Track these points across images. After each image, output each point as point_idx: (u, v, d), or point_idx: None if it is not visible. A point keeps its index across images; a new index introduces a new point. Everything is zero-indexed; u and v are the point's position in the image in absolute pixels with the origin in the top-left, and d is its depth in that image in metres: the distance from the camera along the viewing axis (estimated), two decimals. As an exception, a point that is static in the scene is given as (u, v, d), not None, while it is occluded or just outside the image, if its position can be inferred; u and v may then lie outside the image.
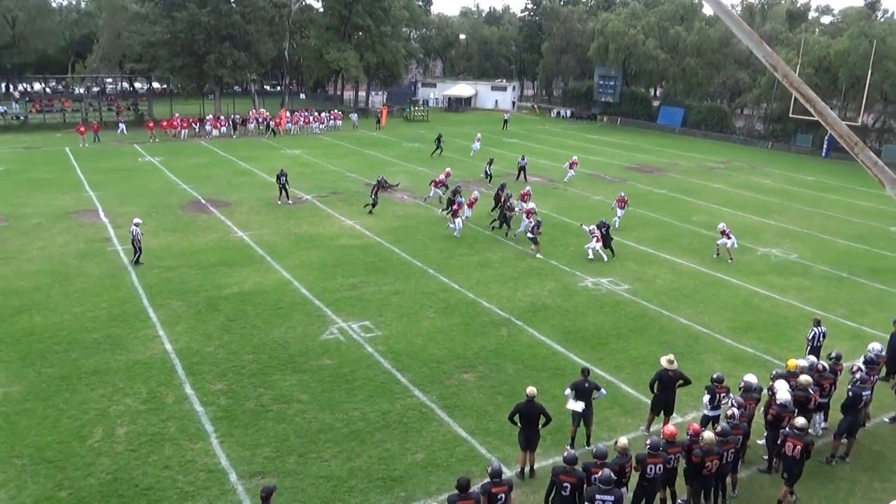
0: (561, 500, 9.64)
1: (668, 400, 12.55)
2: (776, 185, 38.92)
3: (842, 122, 4.55)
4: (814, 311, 19.37)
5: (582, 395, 12.10)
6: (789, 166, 46.11)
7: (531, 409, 11.27)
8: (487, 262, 22.69)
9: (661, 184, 37.64)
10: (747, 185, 38.41)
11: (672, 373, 12.44)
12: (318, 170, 38.26)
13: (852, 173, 44.56)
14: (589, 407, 12.19)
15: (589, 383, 12.16)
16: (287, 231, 25.58)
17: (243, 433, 12.46)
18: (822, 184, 40.07)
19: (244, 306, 18.27)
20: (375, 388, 14.23)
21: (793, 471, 10.87)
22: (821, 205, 33.81)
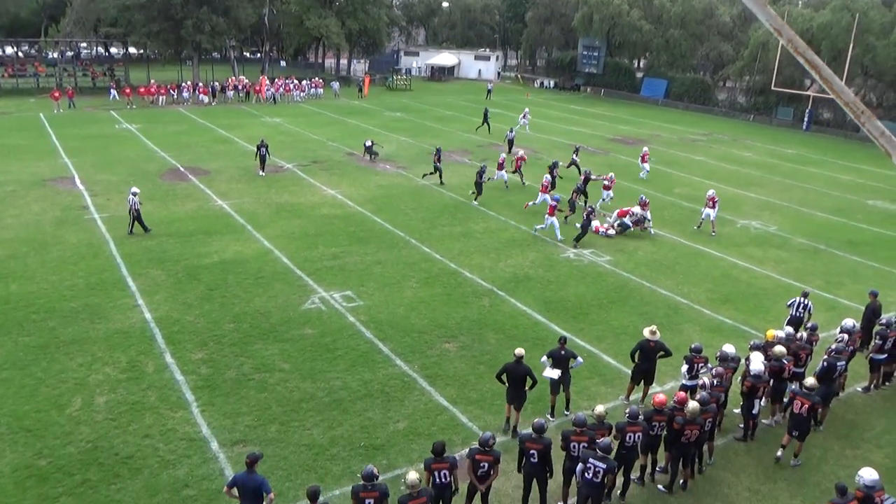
0: (530, 467, 9.74)
1: (649, 370, 12.70)
2: (757, 157, 39.12)
3: (849, 91, 4.49)
4: (791, 282, 19.62)
5: (558, 364, 12.23)
6: (770, 139, 46.34)
7: (518, 370, 11.52)
8: (470, 232, 22.66)
9: (644, 155, 37.68)
10: (728, 157, 38.57)
11: (653, 343, 12.57)
12: (298, 138, 37.82)
13: (832, 147, 44.91)
14: (566, 374, 12.33)
15: (565, 351, 12.29)
16: (268, 200, 25.34)
17: (224, 402, 12.43)
18: (803, 157, 40.34)
19: (224, 275, 18.14)
20: (357, 357, 14.24)
21: (801, 428, 11.40)
22: (800, 178, 34.08)
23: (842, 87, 4.52)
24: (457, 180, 29.56)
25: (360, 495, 8.46)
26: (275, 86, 53.98)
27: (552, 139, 40.76)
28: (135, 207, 20.96)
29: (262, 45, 76.08)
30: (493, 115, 50.39)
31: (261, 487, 8.56)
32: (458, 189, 27.99)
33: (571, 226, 23.24)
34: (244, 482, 8.63)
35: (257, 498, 8.55)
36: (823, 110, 53.96)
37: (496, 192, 27.73)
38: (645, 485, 10.93)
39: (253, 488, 8.57)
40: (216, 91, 51.37)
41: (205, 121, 42.43)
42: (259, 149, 28.91)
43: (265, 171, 28.92)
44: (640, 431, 10.19)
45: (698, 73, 66.03)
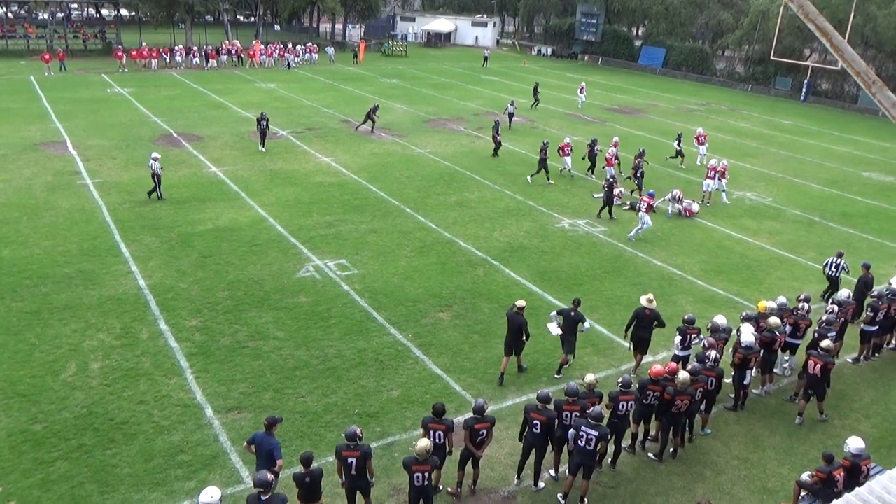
0: (532, 437, 9.85)
1: (644, 338, 12.82)
2: (754, 128, 38.95)
3: (860, 60, 4.41)
4: (785, 254, 19.70)
5: (567, 323, 12.59)
6: (768, 109, 46.11)
7: (516, 320, 12.28)
8: (465, 201, 22.60)
9: (640, 125, 37.47)
10: (726, 127, 38.39)
11: (649, 311, 12.67)
12: (293, 105, 37.44)
13: (829, 118, 44.74)
14: (573, 336, 12.67)
15: (576, 313, 12.64)
16: (262, 167, 25.17)
17: (219, 369, 12.48)
18: (800, 128, 40.18)
19: (218, 243, 18.08)
20: (351, 325, 14.28)
21: (816, 388, 11.72)
22: (797, 149, 33.99)
23: (853, 56, 4.43)
24: (451, 149, 29.39)
25: (342, 454, 8.64)
26: (268, 51, 53.26)
27: (549, 108, 40.45)
28: (157, 172, 20.99)
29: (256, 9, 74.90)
30: (489, 82, 49.98)
31: (273, 451, 8.72)
32: (452, 158, 27.84)
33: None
34: (260, 442, 8.82)
35: (270, 460, 8.71)
36: (822, 81, 53.65)
37: (490, 160, 27.60)
38: (636, 453, 11.07)
39: (267, 450, 8.75)
40: (208, 55, 50.65)
41: (198, 85, 41.94)
42: (259, 122, 27.10)
43: (264, 146, 27.17)
44: (633, 400, 10.29)
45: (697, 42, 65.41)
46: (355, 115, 35.10)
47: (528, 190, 24.10)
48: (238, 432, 10.86)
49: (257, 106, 36.13)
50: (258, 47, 53.03)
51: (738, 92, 55.09)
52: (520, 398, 12.08)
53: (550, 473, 10.39)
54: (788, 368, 13.58)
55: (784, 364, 13.54)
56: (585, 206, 22.72)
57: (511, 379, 12.71)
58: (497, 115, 34.56)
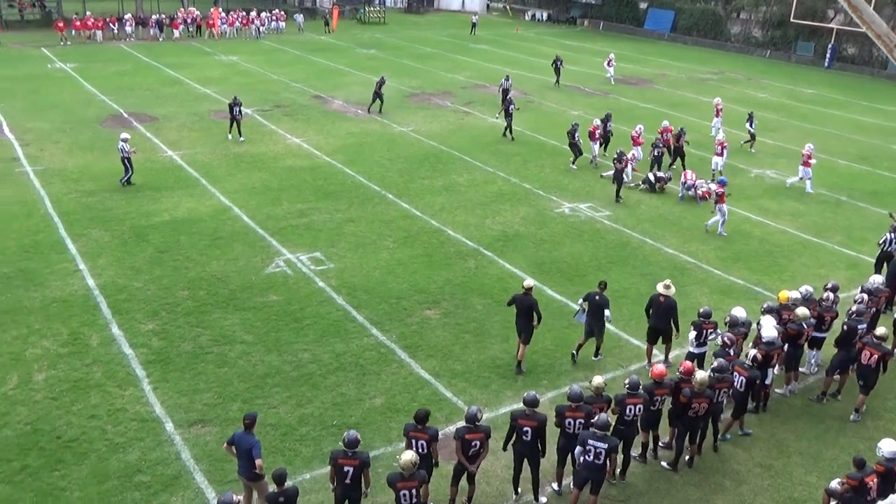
0: (522, 445, 9.82)
1: (661, 329, 13.00)
2: (773, 98, 39.09)
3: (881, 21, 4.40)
4: (809, 238, 19.81)
5: (593, 309, 12.98)
6: (788, 78, 46.27)
7: (525, 301, 12.77)
8: (453, 185, 22.56)
9: (648, 97, 37.51)
10: (742, 98, 38.49)
11: (664, 299, 12.85)
12: (258, 79, 37.20)
13: (856, 86, 44.94)
14: (599, 322, 13.08)
15: (600, 297, 12.94)
16: (224, 150, 25.01)
17: (180, 378, 12.42)
18: (824, 98, 40.37)
19: (177, 236, 17.97)
20: (328, 326, 14.24)
21: (868, 379, 11.99)
22: (821, 121, 34.15)
23: (872, 17, 4.43)
24: (437, 126, 29.32)
25: (338, 461, 8.70)
26: (229, 19, 52.85)
27: (545, 79, 40.41)
28: (127, 155, 20.92)
29: (215, -28, 74.20)
30: (478, 51, 49.82)
31: (252, 450, 9.03)
32: (439, 137, 27.77)
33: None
34: (240, 441, 9.14)
35: (250, 460, 9.05)
36: (848, 45, 53.85)
37: (482, 138, 27.58)
38: (647, 462, 11.11)
39: (246, 449, 9.06)
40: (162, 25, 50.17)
41: (151, 60, 41.56)
42: (231, 108, 25.87)
43: (241, 135, 26.11)
44: (641, 403, 10.29)
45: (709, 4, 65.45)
46: (328, 91, 34.94)
47: (524, 172, 24.08)
48: (202, 448, 10.81)
49: (217, 82, 35.93)
50: (217, 15, 52.57)
51: (756, 59, 55.23)
52: (518, 404, 12.09)
53: (553, 487, 10.42)
54: (814, 365, 13.66)
55: (810, 361, 13.63)
56: (588, 189, 22.73)
57: (506, 383, 12.73)
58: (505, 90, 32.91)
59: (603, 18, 68.63)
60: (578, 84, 39.46)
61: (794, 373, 12.95)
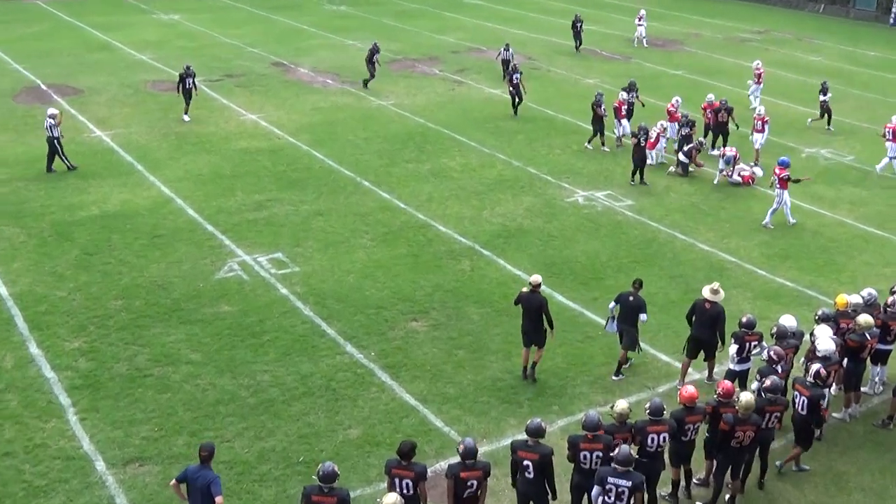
0: (524, 483, 9.84)
1: (704, 340, 13.12)
2: (828, 62, 39.28)
3: None
4: (872, 231, 19.91)
5: (625, 311, 13.39)
6: (846, 38, 46.50)
7: (532, 300, 13.04)
8: (443, 170, 22.60)
9: (677, 62, 37.64)
10: (790, 63, 38.68)
11: (709, 305, 13.02)
12: (205, 42, 37.13)
13: (928, 47, 45.17)
14: (633, 327, 13.47)
15: (636, 298, 13.27)
16: (165, 129, 24.97)
17: (113, 407, 12.41)
18: (889, 61, 40.58)
19: (108, 234, 17.94)
20: (292, 342, 14.25)
21: None
22: (886, 90, 34.34)
23: None
24: (423, 98, 29.35)
25: (312, 499, 8.67)
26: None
27: (552, 41, 40.48)
28: (53, 135, 21.05)
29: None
30: (469, 7, 49.80)
31: (210, 486, 8.96)
32: (425, 111, 27.80)
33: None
34: (194, 477, 9.07)
35: (206, 497, 8.96)
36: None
37: (476, 113, 27.61)
38: (678, 503, 11.16)
39: (203, 485, 8.99)
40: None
41: (73, 19, 41.45)
42: (183, 80, 25.72)
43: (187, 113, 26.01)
44: (666, 432, 10.31)
45: (751, -52, 65.66)
46: (290, 56, 34.90)
47: (528, 153, 24.13)
48: (141, 491, 10.82)
49: (155, 46, 35.87)
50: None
51: (807, 15, 55.47)
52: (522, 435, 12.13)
53: (566, 533, 10.45)
54: (879, 384, 13.75)
55: (874, 378, 13.72)
56: (606, 173, 22.80)
57: (509, 409, 12.76)
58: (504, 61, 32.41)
59: (623, -34, 68.76)
60: (594, 47, 39.56)
61: (856, 393, 13.02)
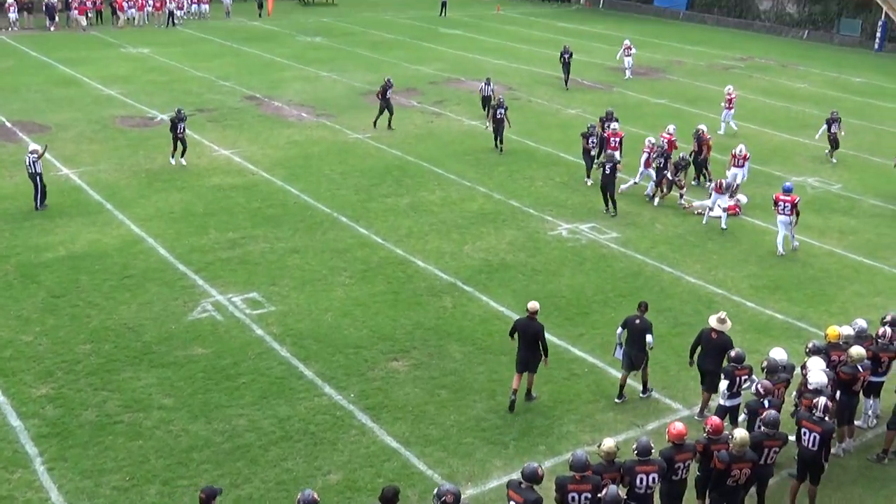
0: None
1: (708, 371, 13.32)
2: (814, 89, 39.87)
3: None
4: (862, 260, 20.13)
5: (633, 336, 13.70)
6: (831, 63, 47.23)
7: (530, 327, 13.52)
8: (422, 204, 22.69)
9: (660, 90, 38.10)
10: (775, 90, 39.23)
11: (716, 335, 13.26)
12: (175, 76, 37.25)
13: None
14: (641, 351, 13.72)
15: (642, 321, 13.73)
16: (135, 166, 24.96)
17: (82, 455, 12.30)
18: (875, 87, 41.23)
19: (75, 275, 17.88)
20: (269, 385, 14.20)
21: None
22: (872, 116, 34.84)
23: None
24: (401, 131, 29.51)
25: None
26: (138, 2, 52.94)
27: (534, 71, 40.91)
28: (36, 171, 21.18)
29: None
30: (450, 37, 50.28)
31: None
32: (403, 144, 27.96)
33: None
34: None
35: None
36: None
37: (456, 145, 27.79)
38: (671, 545, 11.15)
39: None
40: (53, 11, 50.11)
41: (40, 54, 41.49)
42: (175, 125, 24.73)
43: (184, 158, 25.24)
44: (656, 472, 10.32)
45: (732, -25, 66.76)
46: (264, 89, 35.05)
47: (510, 186, 24.29)
48: (112, 544, 10.70)
49: (124, 80, 35.93)
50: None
51: (791, 41, 56.35)
52: (512, 474, 12.12)
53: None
54: (873, 417, 13.84)
55: (867, 411, 13.81)
56: (589, 205, 22.97)
57: (494, 451, 12.73)
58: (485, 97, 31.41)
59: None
60: (575, 76, 39.94)
61: (849, 427, 13.10)
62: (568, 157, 25.82)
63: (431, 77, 38.84)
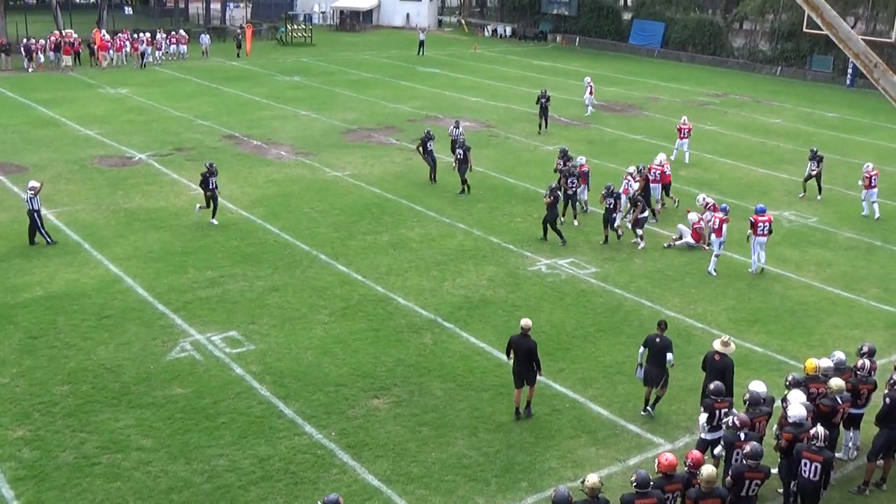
0: None
1: None
2: (788, 124, 40.41)
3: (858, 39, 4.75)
4: (839, 292, 20.33)
5: (653, 355, 14.19)
6: (804, 99, 47.95)
7: (524, 344, 14.14)
8: (402, 241, 22.75)
9: (636, 127, 38.49)
10: (750, 125, 39.73)
11: (719, 358, 13.59)
12: (153, 116, 37.31)
13: (885, 107, 46.57)
14: (661, 368, 14.23)
15: (662, 339, 14.22)
16: (112, 206, 24.91)
17: (59, 498, 12.16)
18: (848, 122, 41.86)
19: (53, 316, 17.77)
20: (249, 424, 14.12)
21: None
22: (845, 150, 35.31)
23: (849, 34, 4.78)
24: (380, 168, 29.65)
25: None
26: (116, 43, 53.11)
27: (512, 108, 41.26)
28: (33, 207, 21.29)
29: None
30: (427, 76, 50.68)
31: None
32: (382, 182, 28.07)
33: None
34: None
35: None
36: (872, 59, 56.07)
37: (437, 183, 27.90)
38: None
39: None
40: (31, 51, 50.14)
41: (17, 95, 41.48)
42: (207, 180, 23.45)
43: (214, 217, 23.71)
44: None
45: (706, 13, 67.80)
46: (243, 129, 35.16)
47: (489, 222, 24.40)
48: (90, 589, 10.55)
49: (103, 120, 35.95)
50: (100, 38, 52.80)
51: (764, 77, 57.18)
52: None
53: None
54: (853, 449, 13.90)
55: (847, 443, 13.87)
56: (568, 240, 23.06)
57: (476, 488, 12.69)
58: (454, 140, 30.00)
59: (579, 33, 70.60)
60: (552, 113, 40.27)
61: (830, 460, 13.16)
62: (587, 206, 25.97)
63: (410, 115, 39.08)
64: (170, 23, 68.23)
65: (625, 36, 68.74)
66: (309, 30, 67.86)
